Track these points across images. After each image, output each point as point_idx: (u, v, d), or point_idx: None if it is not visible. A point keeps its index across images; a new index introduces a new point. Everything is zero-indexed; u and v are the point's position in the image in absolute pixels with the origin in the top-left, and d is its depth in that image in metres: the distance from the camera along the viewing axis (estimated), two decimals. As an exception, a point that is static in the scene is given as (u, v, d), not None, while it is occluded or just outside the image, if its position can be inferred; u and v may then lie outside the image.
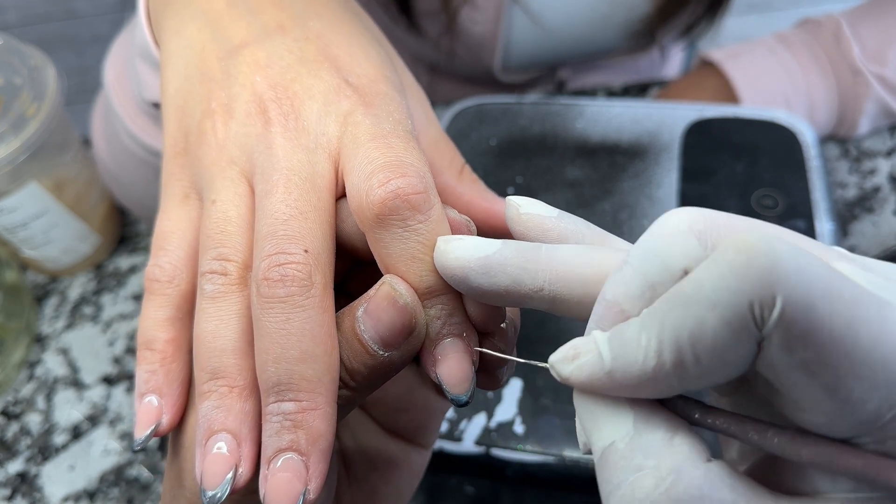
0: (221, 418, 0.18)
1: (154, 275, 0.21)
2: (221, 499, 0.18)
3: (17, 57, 0.44)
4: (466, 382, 0.18)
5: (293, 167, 0.20)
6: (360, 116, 0.20)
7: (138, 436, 0.20)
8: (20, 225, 0.45)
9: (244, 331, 0.19)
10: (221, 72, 0.22)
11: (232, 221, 0.20)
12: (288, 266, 0.18)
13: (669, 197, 0.39)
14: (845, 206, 0.47)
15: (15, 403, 0.46)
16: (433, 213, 0.18)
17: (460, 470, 0.33)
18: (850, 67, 0.47)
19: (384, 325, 0.18)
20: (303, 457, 0.17)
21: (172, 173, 0.23)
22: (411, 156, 0.19)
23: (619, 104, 0.43)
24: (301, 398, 0.17)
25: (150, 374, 0.21)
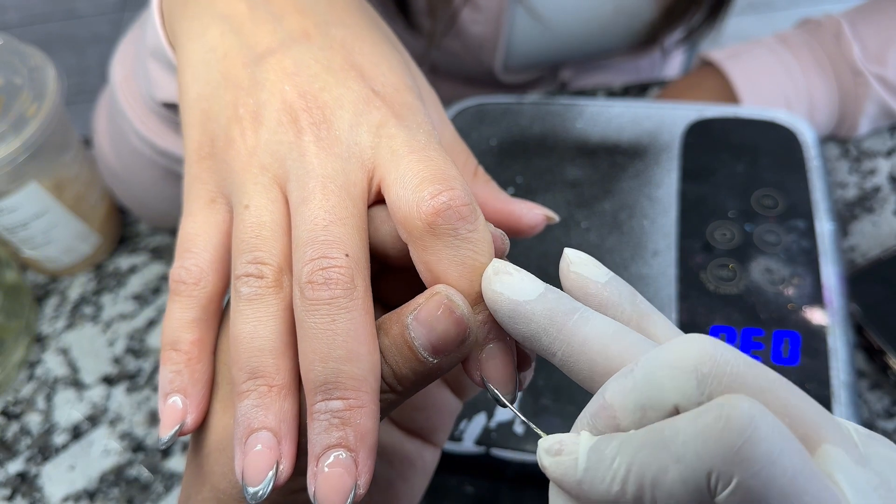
0: (262, 416, 0.19)
1: (180, 276, 0.22)
2: (264, 496, 0.18)
3: (17, 57, 0.44)
4: (512, 383, 0.19)
5: (329, 174, 0.20)
6: (394, 129, 0.21)
7: (163, 435, 0.21)
8: (20, 225, 0.45)
9: (281, 332, 0.20)
10: (248, 78, 0.22)
11: (266, 226, 0.20)
12: (332, 270, 0.19)
13: (669, 197, 0.39)
14: (845, 206, 0.47)
15: (15, 403, 0.46)
16: (479, 223, 0.19)
17: (460, 470, 0.33)
18: (851, 68, 0.47)
19: (437, 334, 0.18)
20: (352, 453, 0.18)
21: (198, 177, 0.23)
22: (453, 169, 0.20)
23: (619, 104, 0.43)
24: (348, 396, 0.18)
25: (175, 374, 0.21)
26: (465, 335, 0.19)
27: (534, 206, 0.26)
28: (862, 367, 0.41)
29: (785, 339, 0.33)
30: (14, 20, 1.77)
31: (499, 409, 0.33)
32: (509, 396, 0.19)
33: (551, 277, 0.36)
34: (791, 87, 0.47)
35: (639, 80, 0.63)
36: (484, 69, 0.61)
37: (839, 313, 0.34)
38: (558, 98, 0.45)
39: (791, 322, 0.34)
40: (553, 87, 0.66)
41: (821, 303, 0.34)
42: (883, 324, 0.40)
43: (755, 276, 0.35)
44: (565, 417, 0.32)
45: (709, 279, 0.36)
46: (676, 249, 0.37)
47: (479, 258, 0.19)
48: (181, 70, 0.24)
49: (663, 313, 0.34)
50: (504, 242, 0.21)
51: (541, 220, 0.25)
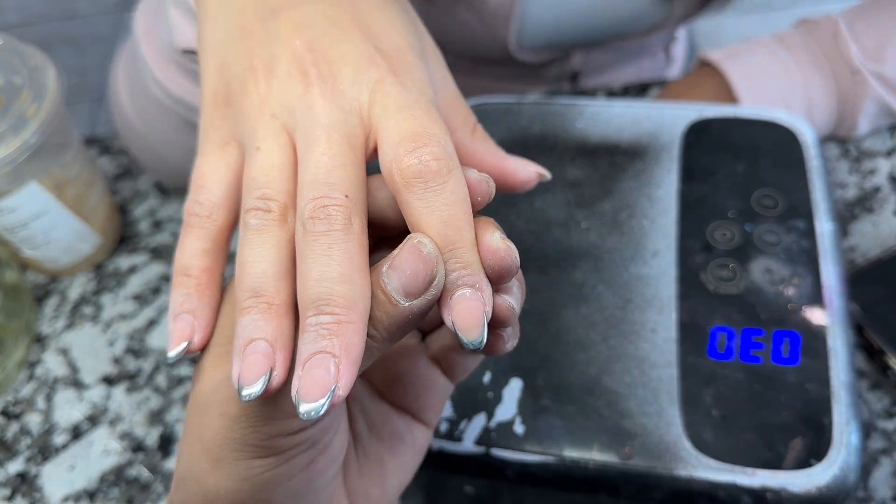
0: (260, 328, 0.20)
1: (193, 209, 0.24)
2: (255, 395, 0.19)
3: (17, 57, 0.44)
4: (478, 328, 0.20)
5: (333, 124, 0.22)
6: (389, 86, 0.23)
7: (171, 351, 0.22)
8: (20, 225, 0.45)
9: (283, 259, 0.21)
10: (262, 30, 0.24)
11: (275, 167, 0.22)
12: (332, 207, 0.20)
13: (669, 197, 0.39)
14: (845, 206, 0.47)
15: (15, 403, 0.46)
16: (451, 176, 0.21)
17: (460, 470, 0.33)
18: (849, 67, 0.47)
19: (407, 274, 0.20)
20: (335, 358, 0.19)
21: (212, 122, 0.25)
22: (434, 125, 0.22)
23: (618, 104, 0.43)
24: (337, 312, 0.19)
25: (185, 296, 0.23)
26: (432, 273, 0.20)
27: (528, 163, 0.27)
28: (862, 366, 0.41)
29: (785, 339, 0.33)
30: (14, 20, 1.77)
31: (499, 408, 0.33)
32: (476, 341, 0.20)
33: (551, 277, 0.37)
34: (789, 86, 0.47)
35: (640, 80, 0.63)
36: (497, 44, 0.60)
37: (839, 313, 0.34)
38: (558, 98, 0.45)
39: (791, 322, 0.34)
40: (563, 73, 0.66)
41: (821, 303, 0.34)
42: (883, 324, 0.40)
43: (755, 276, 0.35)
44: (565, 418, 0.32)
45: (709, 279, 0.36)
46: (676, 249, 0.37)
47: (448, 209, 0.20)
48: (200, 21, 0.26)
49: (663, 313, 0.35)
50: (489, 185, 0.22)
51: (533, 176, 0.27)
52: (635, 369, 0.33)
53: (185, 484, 0.22)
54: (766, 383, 0.32)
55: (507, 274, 0.21)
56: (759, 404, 0.32)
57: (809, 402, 0.31)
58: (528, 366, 0.34)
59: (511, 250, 0.21)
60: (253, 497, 0.21)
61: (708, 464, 0.30)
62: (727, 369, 0.33)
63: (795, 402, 0.32)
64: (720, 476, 0.30)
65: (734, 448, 0.31)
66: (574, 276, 0.37)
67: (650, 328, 0.34)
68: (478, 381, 0.34)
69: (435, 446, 0.33)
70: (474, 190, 0.21)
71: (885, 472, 0.38)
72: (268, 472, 0.21)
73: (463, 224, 0.21)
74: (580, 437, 0.32)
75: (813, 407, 0.31)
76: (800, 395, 0.32)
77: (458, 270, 0.20)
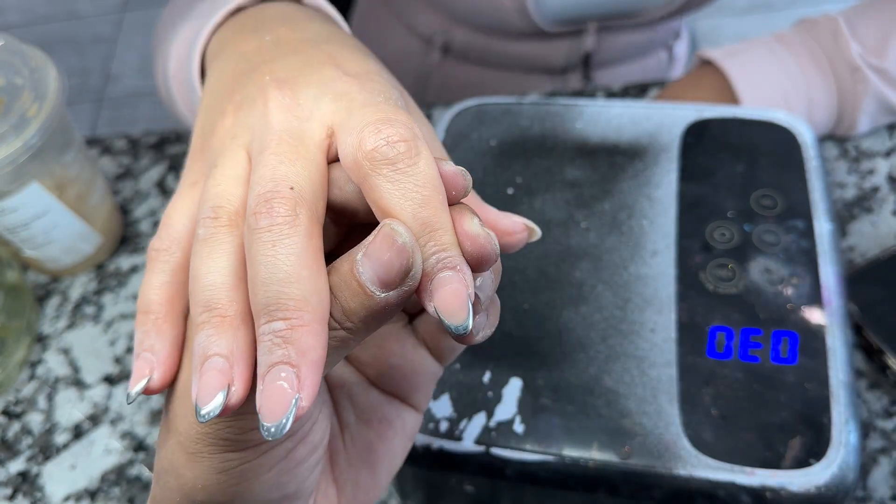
0: (214, 344, 0.19)
1: (154, 245, 0.24)
2: (214, 414, 0.19)
3: (18, 57, 0.44)
4: (463, 311, 0.19)
5: (286, 129, 0.22)
6: (355, 94, 0.23)
7: (131, 389, 0.22)
8: (21, 225, 0.45)
9: (234, 267, 0.20)
10: (241, 84, 0.25)
11: (228, 177, 0.22)
12: (274, 201, 0.19)
13: (669, 197, 0.39)
14: (844, 206, 0.47)
15: (16, 403, 0.46)
16: (421, 157, 0.20)
17: (460, 469, 0.33)
18: (849, 65, 0.47)
19: (382, 265, 0.19)
20: (294, 368, 0.18)
21: (188, 167, 0.25)
22: (400, 114, 0.21)
23: (618, 104, 0.44)
24: (289, 316, 0.18)
25: (143, 334, 0.22)
26: (408, 265, 0.19)
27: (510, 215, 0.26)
28: (860, 366, 0.41)
29: (784, 339, 0.33)
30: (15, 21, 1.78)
31: (499, 408, 0.33)
32: (462, 326, 0.19)
33: (551, 277, 0.37)
34: (790, 85, 0.48)
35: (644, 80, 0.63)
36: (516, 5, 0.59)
37: (838, 313, 0.34)
38: (558, 98, 0.45)
39: (790, 322, 0.34)
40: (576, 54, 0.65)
41: (819, 303, 0.34)
42: (881, 323, 0.40)
43: (754, 276, 0.35)
44: (565, 417, 0.32)
45: (708, 279, 0.36)
46: (675, 249, 0.37)
47: (421, 190, 0.19)
48: (201, 98, 0.28)
49: (662, 313, 0.35)
50: (466, 178, 0.21)
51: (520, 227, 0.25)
52: (634, 369, 0.33)
53: (164, 478, 0.22)
54: (765, 383, 0.32)
55: (486, 262, 0.20)
56: (758, 404, 0.32)
57: (808, 401, 0.32)
58: (528, 365, 0.34)
59: (491, 237, 0.20)
60: (231, 489, 0.21)
61: (707, 463, 0.31)
62: (726, 369, 0.33)
63: (794, 401, 0.32)
64: (719, 475, 0.30)
65: (733, 447, 0.31)
66: (574, 276, 0.37)
67: (649, 328, 0.34)
68: (478, 381, 0.34)
69: (435, 445, 0.33)
70: (449, 183, 0.20)
71: (883, 472, 0.38)
72: (244, 464, 0.21)
73: (438, 205, 0.19)
74: (580, 436, 0.32)
75: (812, 406, 0.31)
76: (798, 394, 0.32)
77: (437, 254, 0.19)
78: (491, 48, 0.66)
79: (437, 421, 0.33)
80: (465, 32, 0.66)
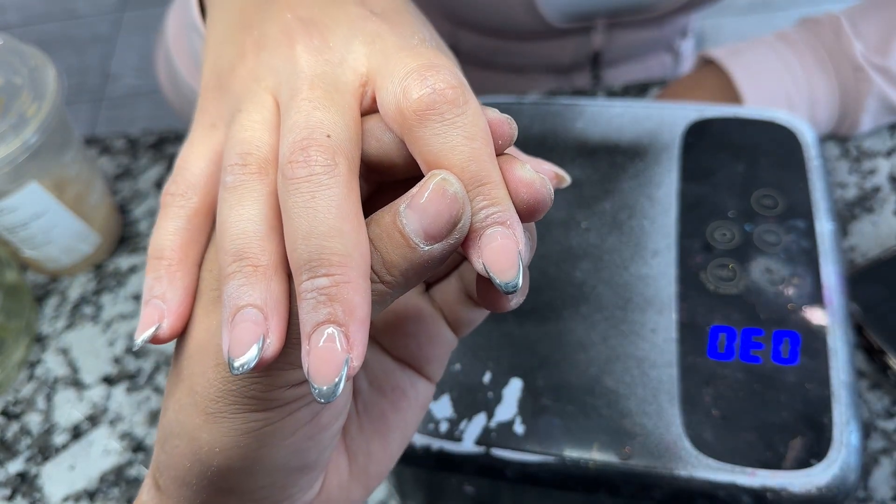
0: (247, 294, 0.18)
1: (169, 190, 0.22)
2: (249, 367, 0.18)
3: (17, 57, 0.44)
4: (514, 269, 0.18)
5: (318, 74, 0.20)
6: (388, 35, 0.21)
7: (137, 337, 0.21)
8: (20, 225, 0.45)
9: (265, 215, 0.19)
10: (257, 18, 0.23)
11: (255, 122, 0.21)
12: (311, 149, 0.18)
13: (669, 197, 0.39)
14: (845, 206, 0.47)
15: (15, 403, 0.46)
16: (470, 106, 0.19)
17: (460, 470, 0.33)
18: (851, 64, 0.47)
19: (429, 215, 0.18)
20: (342, 327, 0.17)
21: (202, 108, 0.24)
22: (442, 59, 0.20)
23: (618, 104, 0.43)
24: (333, 272, 0.17)
25: (155, 280, 0.21)
26: (458, 215, 0.18)
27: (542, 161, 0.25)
28: (862, 366, 0.41)
29: (785, 339, 0.33)
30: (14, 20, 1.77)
31: (499, 408, 0.33)
32: (511, 283, 0.18)
33: (551, 277, 0.36)
34: (792, 84, 0.47)
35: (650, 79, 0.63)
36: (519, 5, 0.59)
37: (839, 313, 0.34)
38: (558, 98, 0.45)
39: (791, 322, 0.34)
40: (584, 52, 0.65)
41: (821, 303, 0.34)
42: (883, 324, 0.40)
43: (755, 276, 0.35)
44: (565, 417, 0.32)
45: (709, 279, 0.36)
46: (676, 249, 0.37)
47: (471, 142, 0.18)
48: (206, 32, 0.26)
49: (663, 313, 0.35)
50: (511, 127, 0.20)
51: (551, 174, 0.25)
52: (635, 369, 0.33)
53: (173, 442, 0.21)
54: (766, 383, 0.32)
55: (543, 207, 0.19)
56: (758, 404, 0.32)
57: (809, 401, 0.31)
58: (528, 366, 0.34)
59: (545, 181, 0.19)
60: (252, 454, 0.20)
61: (708, 464, 0.30)
62: (727, 369, 0.33)
63: (795, 401, 0.32)
64: (720, 476, 0.30)
65: (734, 448, 0.31)
66: (574, 276, 0.37)
67: (650, 328, 0.34)
68: (478, 381, 0.34)
69: (435, 446, 0.33)
70: (495, 131, 0.19)
71: (884, 472, 0.38)
72: (268, 426, 0.20)
73: (487, 157, 0.19)
74: (580, 436, 0.32)
75: (813, 407, 0.31)
76: (800, 394, 0.32)
77: (486, 208, 0.18)
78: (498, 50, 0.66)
79: (437, 421, 0.33)
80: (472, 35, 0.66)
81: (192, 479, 0.21)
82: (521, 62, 0.67)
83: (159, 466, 0.21)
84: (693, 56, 0.75)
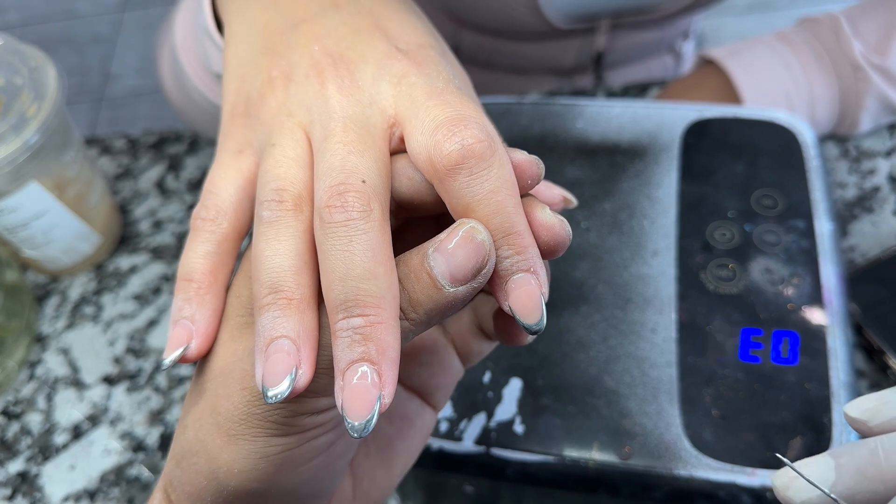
0: (281, 326, 0.19)
1: (200, 214, 0.23)
2: (283, 396, 0.19)
3: (17, 57, 0.44)
4: (538, 311, 0.19)
5: (349, 116, 0.22)
6: (414, 77, 0.22)
7: (166, 357, 0.21)
8: (20, 225, 0.45)
9: (300, 251, 0.20)
10: (282, 44, 0.24)
11: (290, 159, 0.22)
12: (348, 194, 0.19)
13: (669, 197, 0.39)
14: (845, 206, 0.47)
15: (15, 403, 0.46)
16: (496, 159, 0.20)
17: (460, 470, 0.33)
18: (851, 63, 0.47)
19: (457, 259, 0.19)
20: (375, 366, 0.18)
21: (228, 132, 0.24)
22: (469, 109, 0.21)
23: (618, 104, 0.44)
24: (368, 313, 0.18)
25: (184, 302, 0.22)
26: (483, 262, 0.19)
27: (551, 185, 0.26)
28: (861, 366, 0.41)
29: (784, 339, 0.33)
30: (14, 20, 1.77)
31: (499, 408, 0.33)
32: (535, 326, 0.20)
33: (552, 277, 0.36)
34: (792, 83, 0.47)
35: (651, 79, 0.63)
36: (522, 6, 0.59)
37: (839, 313, 0.34)
38: (558, 98, 0.45)
39: (790, 322, 0.34)
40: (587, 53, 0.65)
41: (820, 303, 0.34)
42: (882, 324, 0.40)
43: (755, 276, 0.35)
44: (565, 417, 0.32)
45: (708, 279, 0.36)
46: (676, 249, 0.37)
47: (496, 196, 0.19)
48: (226, 46, 0.26)
49: (663, 313, 0.35)
50: (539, 167, 0.21)
51: (559, 199, 0.26)
52: (635, 369, 0.33)
53: (191, 460, 0.21)
54: (766, 383, 0.32)
55: (561, 248, 0.21)
56: (758, 404, 0.32)
57: (809, 401, 0.32)
58: (528, 366, 0.34)
59: (564, 224, 0.20)
60: (268, 477, 0.21)
61: (708, 463, 0.31)
62: (727, 369, 0.33)
63: (795, 401, 0.32)
64: (720, 476, 0.30)
65: (734, 448, 0.31)
66: (574, 276, 0.37)
67: (650, 328, 0.34)
68: (478, 381, 0.34)
69: (435, 446, 0.33)
70: (524, 172, 0.21)
71: (884, 472, 0.38)
72: (287, 451, 0.20)
73: (512, 209, 0.20)
74: (580, 436, 0.32)
75: (812, 407, 0.31)
76: (799, 394, 0.32)
77: (512, 256, 0.20)
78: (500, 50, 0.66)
79: (437, 421, 0.33)
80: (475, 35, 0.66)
81: (207, 497, 0.21)
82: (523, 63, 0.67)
83: (172, 482, 0.22)
84: (694, 57, 0.75)
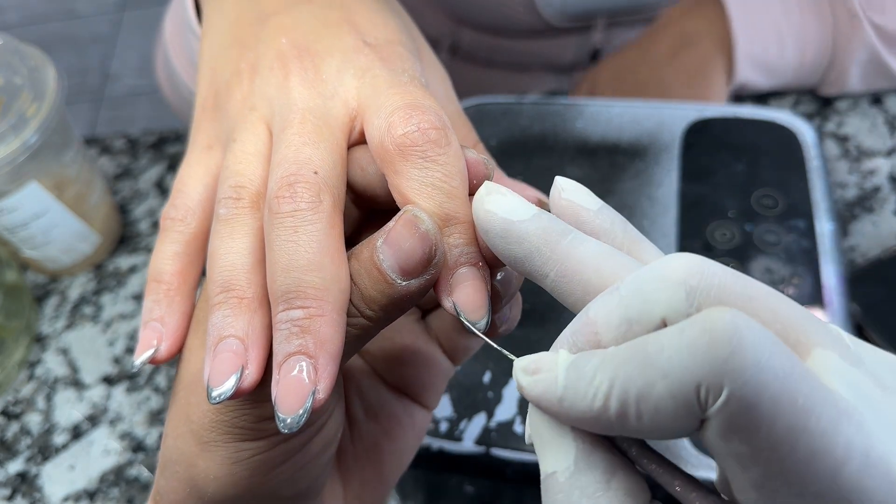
0: (230, 325, 0.19)
1: (168, 214, 0.23)
2: (226, 396, 0.18)
3: (17, 57, 0.44)
4: (482, 309, 0.19)
5: (309, 108, 0.21)
6: (378, 70, 0.22)
7: (136, 359, 0.21)
8: (20, 225, 0.45)
9: (254, 249, 0.20)
10: (251, 36, 0.24)
11: (249, 154, 0.21)
12: (298, 185, 0.19)
13: (669, 197, 0.39)
14: (845, 206, 0.47)
15: (15, 403, 0.46)
16: (451, 147, 0.19)
17: (460, 470, 0.33)
18: (848, 10, 0.47)
19: (404, 252, 0.18)
20: (311, 359, 0.18)
21: (199, 127, 0.24)
22: (428, 100, 0.20)
23: (618, 104, 0.43)
24: (308, 305, 0.18)
25: (154, 303, 0.22)
26: (431, 253, 0.18)
27: (526, 187, 0.26)
28: (862, 366, 0.41)
29: (785, 339, 0.33)
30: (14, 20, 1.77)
31: (499, 408, 0.33)
32: (480, 323, 0.19)
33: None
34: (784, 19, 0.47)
35: None
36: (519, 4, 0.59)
37: (839, 313, 0.34)
38: (558, 98, 0.45)
39: (791, 322, 0.34)
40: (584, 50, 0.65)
41: (821, 303, 0.34)
42: (883, 324, 0.40)
43: (755, 276, 0.35)
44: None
45: (709, 279, 0.36)
46: (676, 249, 0.37)
47: (449, 181, 0.19)
48: (202, 38, 0.26)
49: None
50: (487, 168, 0.20)
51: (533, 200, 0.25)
52: (635, 369, 0.33)
53: (172, 468, 0.21)
54: (766, 383, 0.32)
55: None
56: (759, 404, 0.32)
57: (809, 401, 0.31)
58: (528, 366, 0.34)
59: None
60: (244, 482, 0.20)
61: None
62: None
63: (795, 401, 0.32)
64: (720, 476, 0.30)
65: (734, 448, 0.31)
66: (574, 275, 0.37)
67: (650, 328, 0.34)
68: (478, 381, 0.34)
69: (435, 446, 0.33)
70: (472, 171, 0.20)
71: (885, 472, 0.38)
72: (258, 454, 0.20)
73: (464, 197, 0.19)
74: (580, 436, 0.32)
75: (813, 407, 0.31)
76: (800, 394, 0.32)
77: (460, 247, 0.19)
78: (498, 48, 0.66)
79: (437, 421, 0.33)
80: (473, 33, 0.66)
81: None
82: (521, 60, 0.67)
83: (160, 491, 0.22)
84: None
